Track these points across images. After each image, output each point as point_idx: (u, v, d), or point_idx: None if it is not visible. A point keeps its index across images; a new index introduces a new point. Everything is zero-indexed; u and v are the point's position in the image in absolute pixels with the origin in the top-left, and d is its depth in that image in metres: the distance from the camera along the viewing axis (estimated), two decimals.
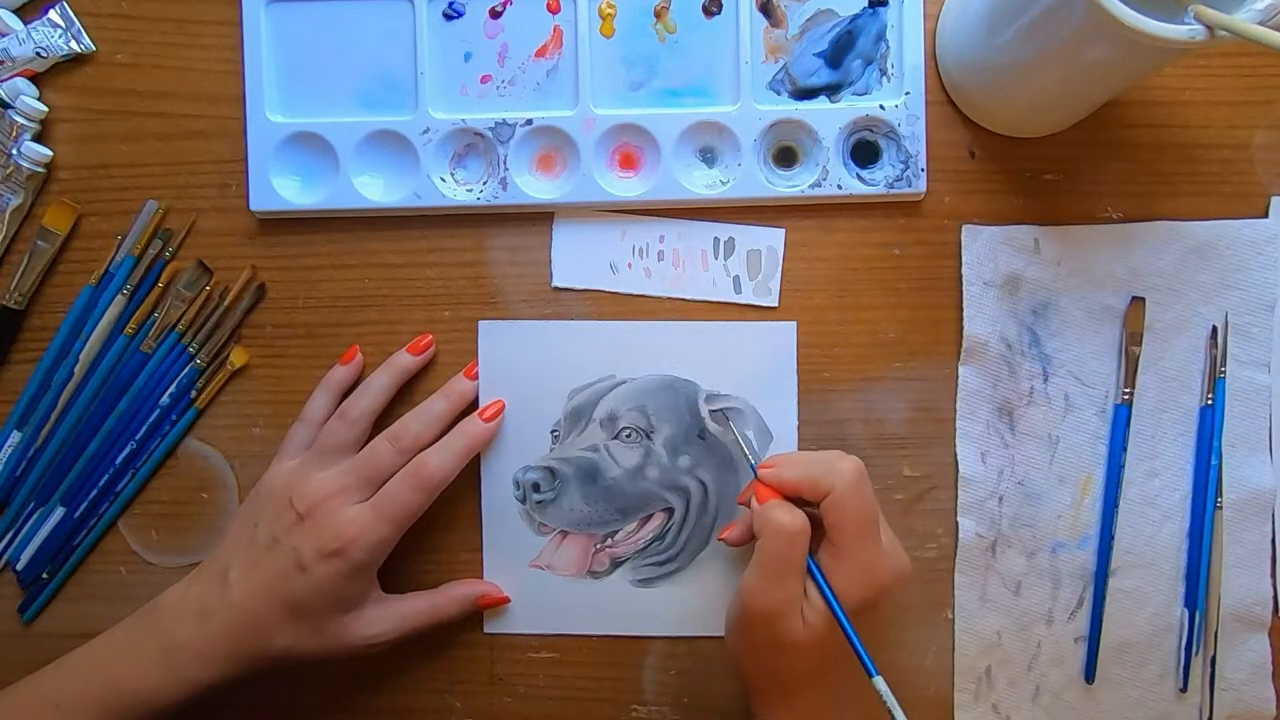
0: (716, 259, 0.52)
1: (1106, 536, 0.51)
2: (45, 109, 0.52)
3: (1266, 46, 0.36)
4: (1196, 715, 0.51)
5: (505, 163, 0.51)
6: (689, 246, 0.52)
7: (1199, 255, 0.51)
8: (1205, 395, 0.51)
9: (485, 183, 0.52)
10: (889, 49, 0.51)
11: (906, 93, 0.50)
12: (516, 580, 0.52)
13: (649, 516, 0.52)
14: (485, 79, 0.52)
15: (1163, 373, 0.52)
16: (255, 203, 0.51)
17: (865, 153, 0.51)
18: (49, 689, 0.46)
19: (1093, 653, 0.51)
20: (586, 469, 0.51)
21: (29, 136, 0.51)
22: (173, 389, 0.53)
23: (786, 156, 0.52)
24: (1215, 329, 0.51)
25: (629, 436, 0.51)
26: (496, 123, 0.51)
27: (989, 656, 0.52)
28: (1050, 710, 0.52)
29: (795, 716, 0.44)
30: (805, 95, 0.51)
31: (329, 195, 0.51)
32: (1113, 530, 0.51)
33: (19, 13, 0.52)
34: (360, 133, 0.51)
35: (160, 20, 0.52)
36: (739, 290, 0.52)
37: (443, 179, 0.52)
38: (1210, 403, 0.51)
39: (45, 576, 0.53)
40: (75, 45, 0.52)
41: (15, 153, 0.51)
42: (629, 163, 0.52)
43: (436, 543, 0.53)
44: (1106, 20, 0.37)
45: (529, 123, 0.51)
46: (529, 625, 0.53)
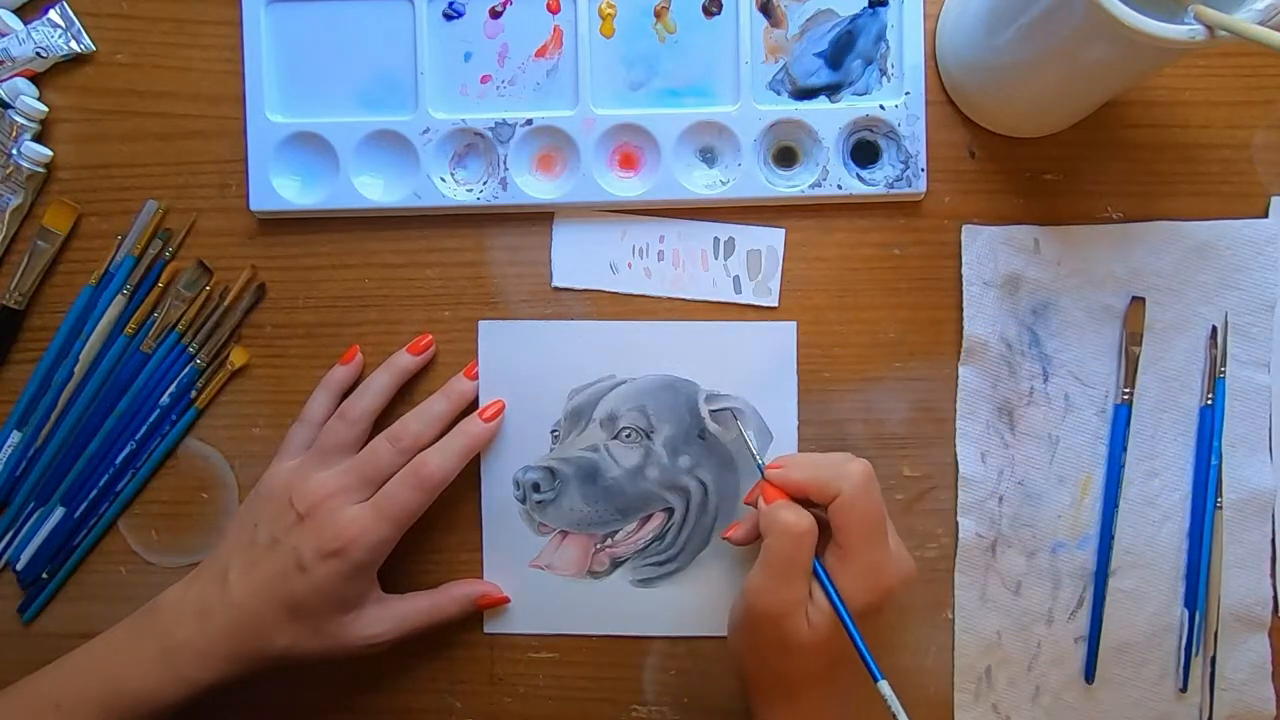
0: (716, 259, 0.52)
1: (1106, 536, 0.51)
2: (45, 109, 0.52)
3: (1266, 46, 0.36)
4: (1196, 715, 0.51)
5: (505, 163, 0.51)
6: (689, 246, 0.52)
7: (1199, 255, 0.51)
8: (1205, 395, 0.51)
9: (485, 183, 0.52)
10: (889, 49, 0.51)
11: (906, 93, 0.50)
12: (516, 580, 0.52)
13: (649, 516, 0.52)
14: (485, 79, 0.52)
15: (1163, 373, 0.52)
16: (255, 203, 0.51)
17: (865, 153, 0.51)
18: (49, 689, 0.46)
19: (1093, 653, 0.51)
20: (586, 469, 0.51)
21: (29, 136, 0.51)
22: (173, 389, 0.53)
23: (786, 156, 0.52)
24: (1215, 329, 0.51)
25: (629, 436, 0.51)
26: (496, 123, 0.51)
27: (989, 656, 0.52)
28: (1050, 710, 0.52)
29: (797, 717, 0.44)
30: (805, 95, 0.51)
31: (329, 195, 0.51)
32: (1113, 530, 0.51)
33: (19, 13, 0.52)
34: (360, 133, 0.51)
35: (160, 20, 0.52)
36: (739, 290, 0.52)
37: (443, 179, 0.52)
38: (1210, 403, 0.51)
39: (45, 576, 0.53)
40: (75, 45, 0.52)
41: (15, 153, 0.51)
42: (629, 163, 0.52)
43: (436, 543, 0.53)
44: (1106, 20, 0.37)
45: (529, 123, 0.51)
46: (529, 625, 0.53)
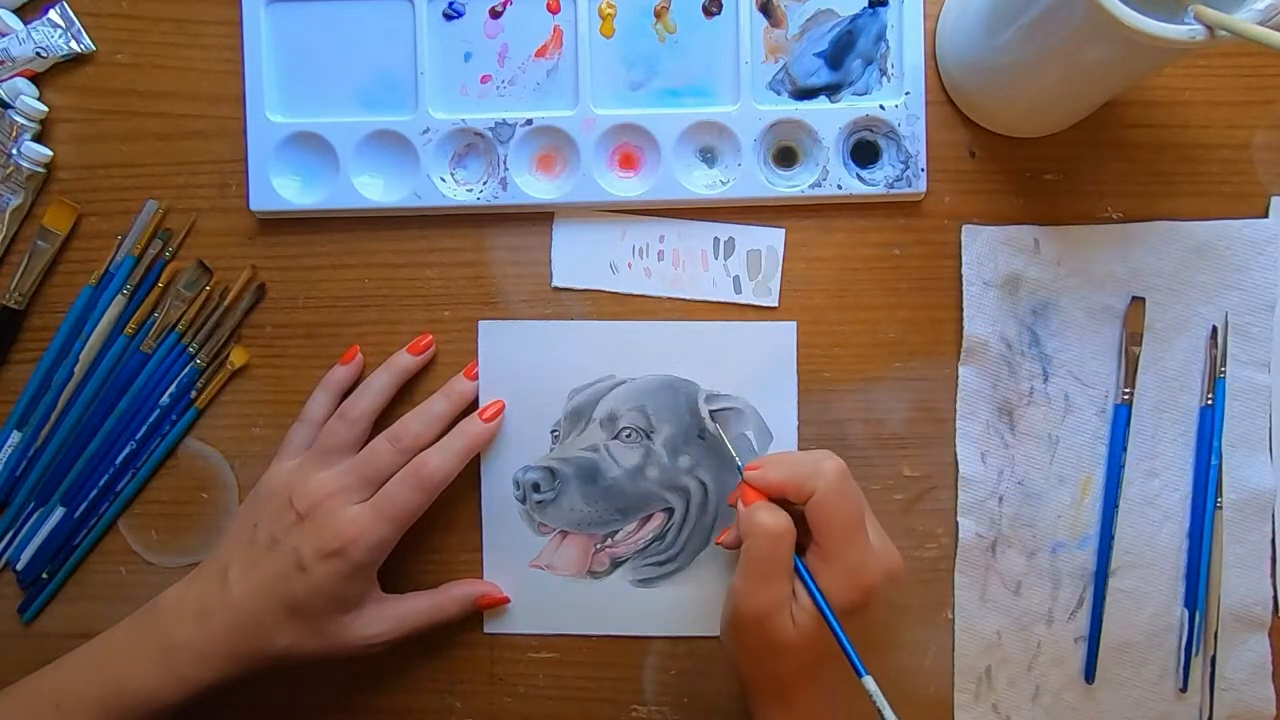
0: (716, 259, 0.52)
1: (1106, 536, 0.51)
2: (45, 109, 0.52)
3: (1266, 46, 0.36)
4: (1196, 715, 0.51)
5: (505, 163, 0.51)
6: (689, 246, 0.52)
7: (1199, 255, 0.51)
8: (1205, 395, 0.51)
9: (485, 183, 0.52)
10: (889, 49, 0.51)
11: (906, 93, 0.50)
12: (516, 580, 0.52)
13: (649, 516, 0.52)
14: (485, 79, 0.52)
15: (1163, 373, 0.52)
16: (255, 203, 0.51)
17: (865, 153, 0.51)
18: (49, 689, 0.46)
19: (1093, 653, 0.51)
20: (586, 469, 0.51)
21: (29, 136, 0.51)
22: (173, 389, 0.53)
23: (786, 156, 0.52)
24: (1215, 329, 0.51)
25: (629, 436, 0.51)
26: (496, 123, 0.51)
27: (989, 656, 0.52)
28: (1050, 710, 0.52)
29: (793, 717, 0.44)
30: (805, 95, 0.51)
31: (329, 195, 0.51)
32: (1113, 530, 0.51)
33: (19, 13, 0.52)
34: (360, 133, 0.51)
35: (160, 20, 0.52)
36: (739, 290, 0.52)
37: (443, 179, 0.52)
38: (1210, 403, 0.51)
39: (45, 576, 0.53)
40: (75, 45, 0.52)
41: (15, 153, 0.51)
42: (629, 163, 0.52)
43: (436, 543, 0.53)
44: (1106, 20, 0.37)
45: (529, 123, 0.51)
46: (529, 625, 0.53)
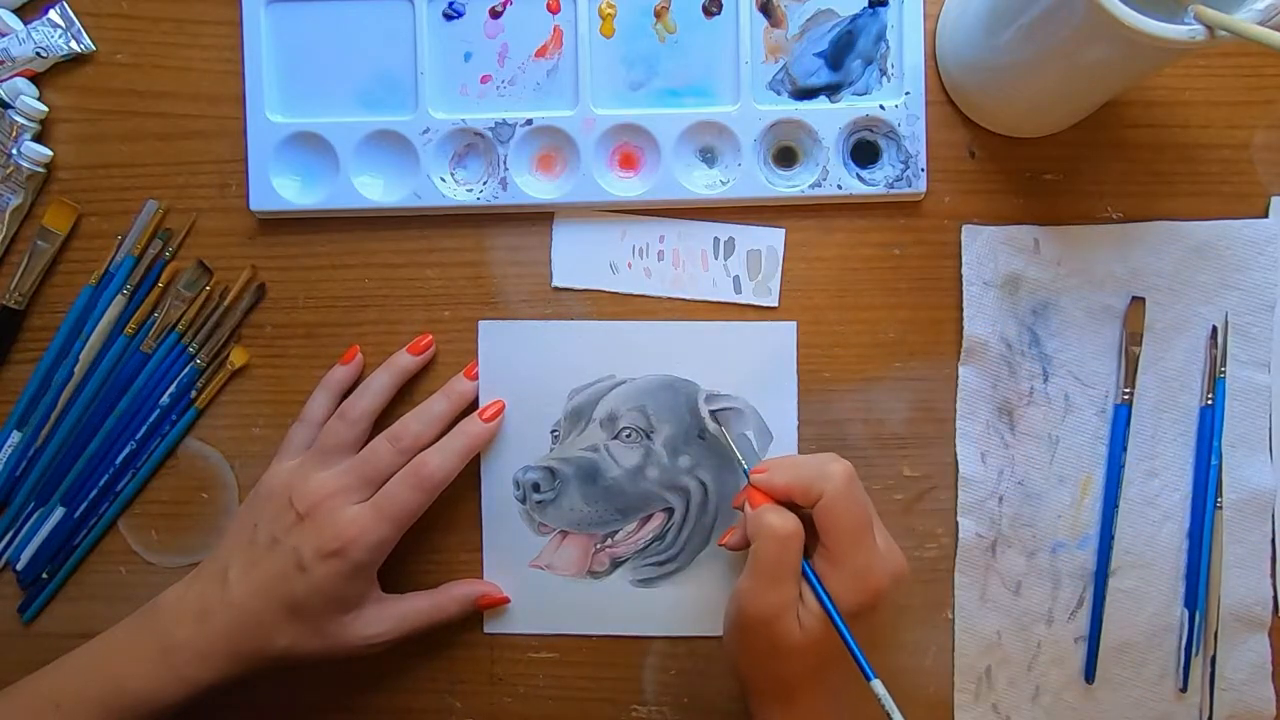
0: (716, 259, 0.52)
1: (1106, 536, 0.51)
2: (45, 109, 0.52)
3: (1266, 46, 0.36)
4: (1196, 715, 0.51)
5: (505, 163, 0.51)
6: (689, 246, 0.52)
7: (1199, 255, 0.51)
8: (1205, 395, 0.51)
9: (485, 183, 0.52)
10: (889, 49, 0.51)
11: (906, 93, 0.50)
12: (516, 580, 0.52)
13: (649, 516, 0.52)
14: (485, 79, 0.52)
15: (1163, 373, 0.52)
16: (255, 203, 0.51)
17: (865, 153, 0.51)
18: (49, 689, 0.46)
19: (1093, 653, 0.51)
20: (586, 469, 0.51)
21: (29, 136, 0.51)
22: (173, 389, 0.53)
23: (786, 156, 0.52)
24: (1215, 329, 0.51)
25: (629, 436, 0.51)
26: (496, 123, 0.51)
27: (989, 656, 0.52)
28: (1050, 710, 0.52)
29: (794, 719, 0.44)
30: (805, 95, 0.51)
31: (329, 195, 0.51)
32: (1113, 530, 0.51)
33: (19, 13, 0.52)
34: (360, 133, 0.51)
35: (160, 20, 0.52)
36: (739, 290, 0.52)
37: (443, 179, 0.52)
38: (1210, 403, 0.51)
39: (45, 576, 0.53)
40: (75, 45, 0.52)
41: (15, 153, 0.51)
42: (629, 163, 0.52)
43: (436, 543, 0.53)
44: (1106, 20, 0.37)
45: (529, 123, 0.51)
46: (529, 625, 0.53)
